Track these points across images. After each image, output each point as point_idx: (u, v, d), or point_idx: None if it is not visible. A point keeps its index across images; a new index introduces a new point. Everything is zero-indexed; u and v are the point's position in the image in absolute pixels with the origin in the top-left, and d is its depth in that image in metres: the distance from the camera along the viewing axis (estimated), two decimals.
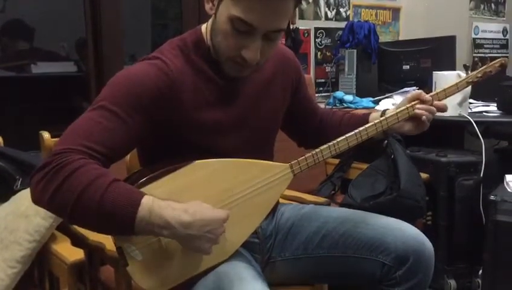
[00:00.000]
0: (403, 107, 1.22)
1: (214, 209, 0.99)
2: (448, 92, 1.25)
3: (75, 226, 1.30)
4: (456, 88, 1.26)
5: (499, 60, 1.29)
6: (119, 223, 0.92)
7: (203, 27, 1.13)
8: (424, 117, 1.21)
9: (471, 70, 1.38)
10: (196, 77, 1.08)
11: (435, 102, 1.23)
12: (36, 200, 0.94)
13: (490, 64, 1.28)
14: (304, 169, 1.13)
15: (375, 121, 1.20)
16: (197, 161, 1.04)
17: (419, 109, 1.21)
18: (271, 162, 1.15)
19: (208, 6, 1.05)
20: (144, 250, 1.00)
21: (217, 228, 0.97)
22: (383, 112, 1.26)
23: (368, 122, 1.21)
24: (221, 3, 1.01)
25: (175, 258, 1.02)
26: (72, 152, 0.93)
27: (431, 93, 1.24)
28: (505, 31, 3.90)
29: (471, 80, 1.27)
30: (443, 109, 1.25)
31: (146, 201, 0.92)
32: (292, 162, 1.13)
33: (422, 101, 1.22)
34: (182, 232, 0.94)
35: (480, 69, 1.28)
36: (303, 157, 1.13)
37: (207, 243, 0.97)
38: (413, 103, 1.22)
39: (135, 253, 0.99)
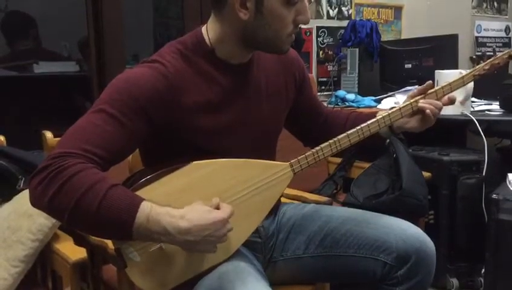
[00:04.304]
0: (407, 103, 1.20)
1: (213, 211, 0.98)
2: (453, 86, 1.22)
3: None
4: (462, 81, 1.22)
5: (507, 51, 1.24)
6: (117, 229, 0.92)
7: (203, 29, 1.12)
8: (428, 111, 1.19)
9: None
10: (198, 79, 1.08)
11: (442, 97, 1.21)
12: (35, 202, 0.94)
13: (498, 56, 1.24)
14: (304, 167, 1.12)
15: (378, 117, 1.18)
16: (194, 162, 1.04)
17: (424, 103, 1.19)
18: (271, 161, 1.15)
19: (242, 13, 1.04)
20: (142, 251, 1.00)
21: (217, 229, 0.96)
22: None
23: None
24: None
25: (174, 259, 1.02)
26: (71, 156, 0.92)
27: (436, 88, 1.21)
28: (507, 29, 3.88)
29: (477, 73, 1.23)
30: (451, 99, 1.22)
31: (144, 207, 0.92)
32: (292, 161, 1.12)
33: (426, 96, 1.20)
34: (181, 238, 0.94)
35: (488, 61, 1.23)
36: (303, 155, 1.12)
37: (208, 245, 0.97)
38: (416, 98, 1.21)
39: (133, 254, 0.99)
